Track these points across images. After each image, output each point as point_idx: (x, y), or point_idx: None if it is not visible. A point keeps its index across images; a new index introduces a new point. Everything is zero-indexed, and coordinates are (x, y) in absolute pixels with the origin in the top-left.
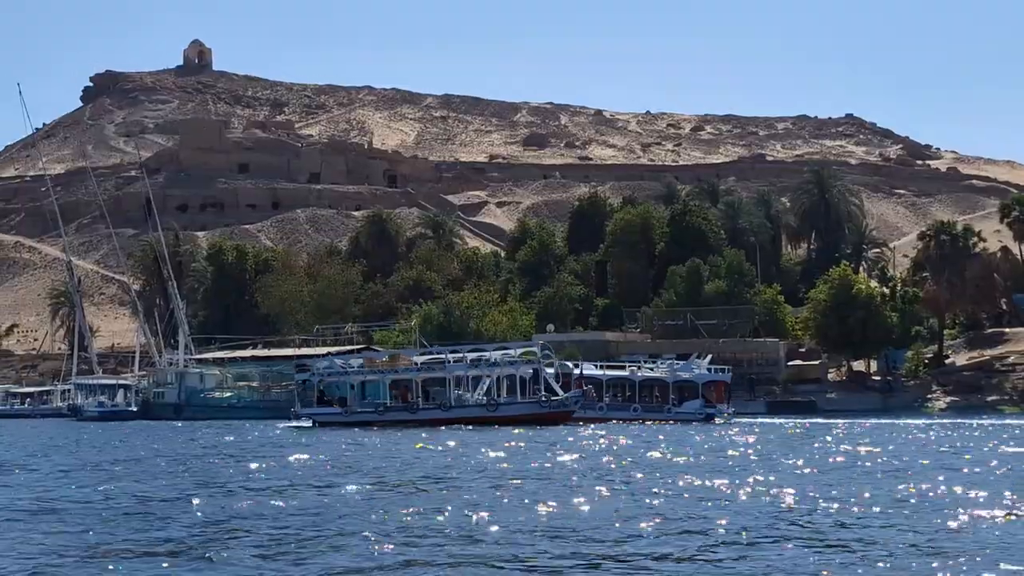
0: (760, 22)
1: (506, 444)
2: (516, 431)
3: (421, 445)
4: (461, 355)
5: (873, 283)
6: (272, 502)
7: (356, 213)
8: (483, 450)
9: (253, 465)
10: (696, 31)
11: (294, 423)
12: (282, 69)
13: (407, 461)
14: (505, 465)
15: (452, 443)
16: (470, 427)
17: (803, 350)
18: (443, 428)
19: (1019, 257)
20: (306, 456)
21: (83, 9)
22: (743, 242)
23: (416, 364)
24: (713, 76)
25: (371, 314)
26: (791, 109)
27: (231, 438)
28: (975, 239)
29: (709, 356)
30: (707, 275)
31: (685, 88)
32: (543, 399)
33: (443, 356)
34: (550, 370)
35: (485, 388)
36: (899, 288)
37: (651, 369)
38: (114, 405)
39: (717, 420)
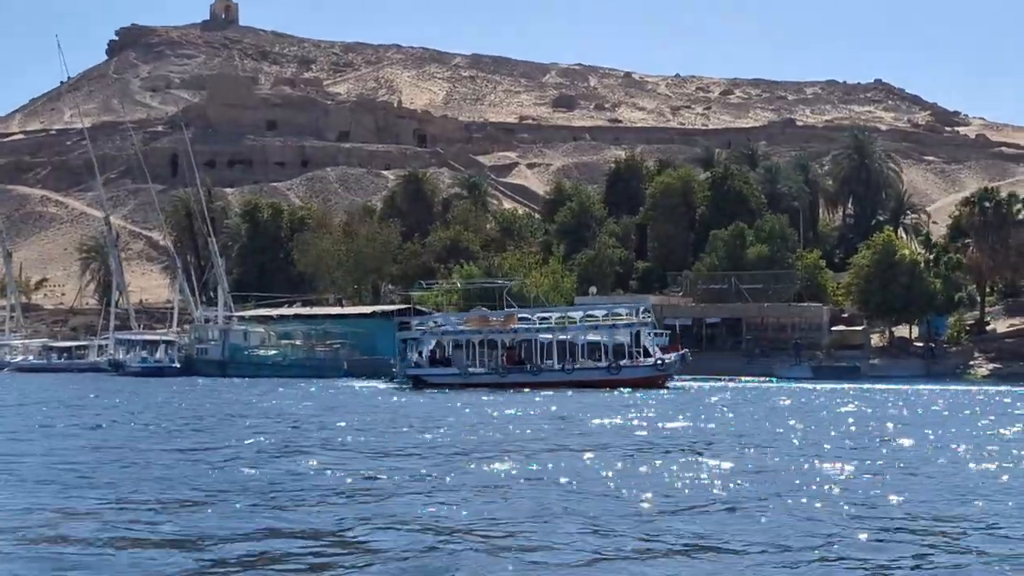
0: None
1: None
2: (637, 393)
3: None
4: (561, 316)
5: (916, 249)
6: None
7: (386, 172)
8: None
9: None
10: None
11: (393, 383)
12: (309, 26)
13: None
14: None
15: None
16: (591, 390)
17: (845, 315)
18: (569, 392)
19: None
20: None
21: None
22: (782, 207)
23: (535, 323)
24: (742, 39)
25: (409, 274)
26: (820, 74)
27: (313, 402)
28: (1020, 206)
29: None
30: (750, 240)
31: (714, 51)
32: (658, 362)
33: (546, 317)
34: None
35: (569, 352)
36: (942, 254)
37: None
38: (156, 361)
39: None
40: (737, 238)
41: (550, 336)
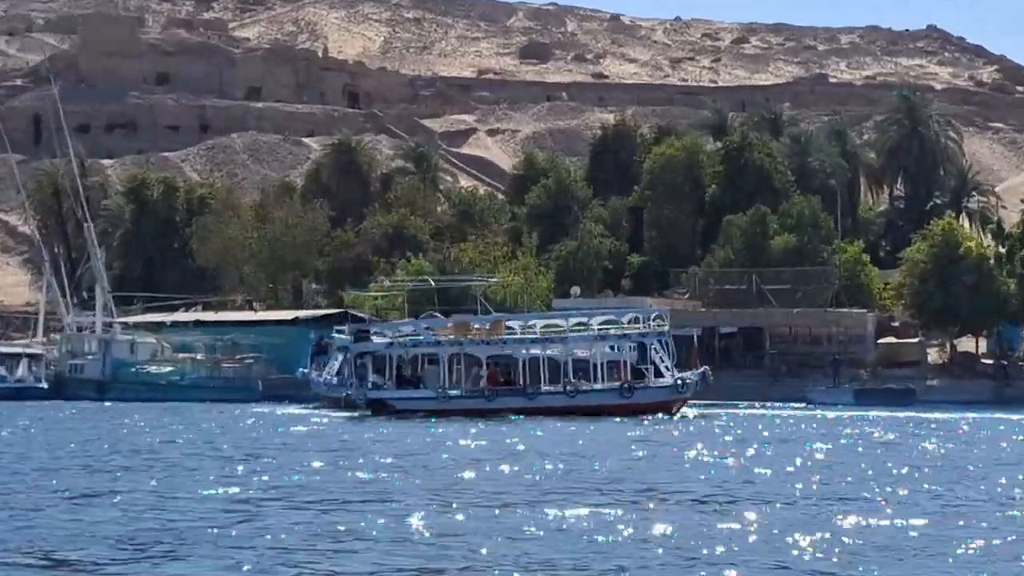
0: None
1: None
2: (648, 422)
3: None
4: (547, 325)
5: (983, 240)
6: None
7: (308, 140)
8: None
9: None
10: None
11: (342, 412)
12: None
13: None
14: None
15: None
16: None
17: (895, 324)
18: (568, 420)
19: None
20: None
21: None
22: (814, 186)
23: (521, 334)
24: None
25: (339, 270)
26: (858, 18)
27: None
28: None
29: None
30: (773, 227)
31: None
32: (679, 382)
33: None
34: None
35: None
36: (1017, 248)
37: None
38: (17, 380)
39: None
40: (757, 225)
41: (545, 350)
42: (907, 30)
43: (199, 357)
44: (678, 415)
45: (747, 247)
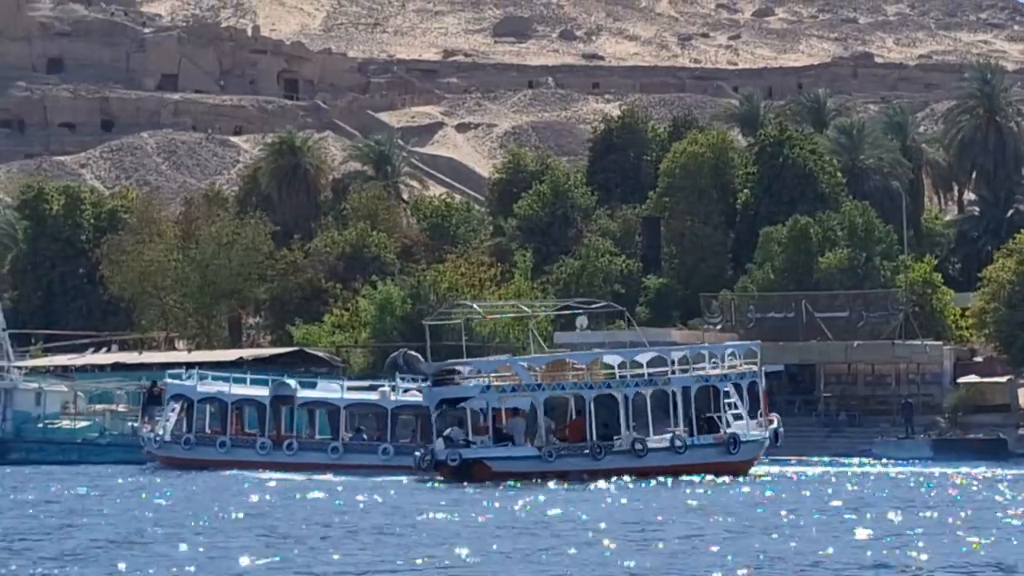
0: None
1: None
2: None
3: None
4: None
5: None
6: None
7: (237, 139)
8: None
9: None
10: None
11: (414, 476)
12: None
13: None
14: None
15: None
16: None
17: (978, 360)
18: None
19: None
20: None
21: None
22: (867, 188)
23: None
24: None
25: (286, 299)
26: None
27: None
28: None
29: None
30: (817, 240)
31: None
32: (766, 435)
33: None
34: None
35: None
36: None
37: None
38: None
39: None
40: (802, 239)
41: (637, 390)
42: None
43: (120, 409)
44: (748, 475)
45: (789, 266)
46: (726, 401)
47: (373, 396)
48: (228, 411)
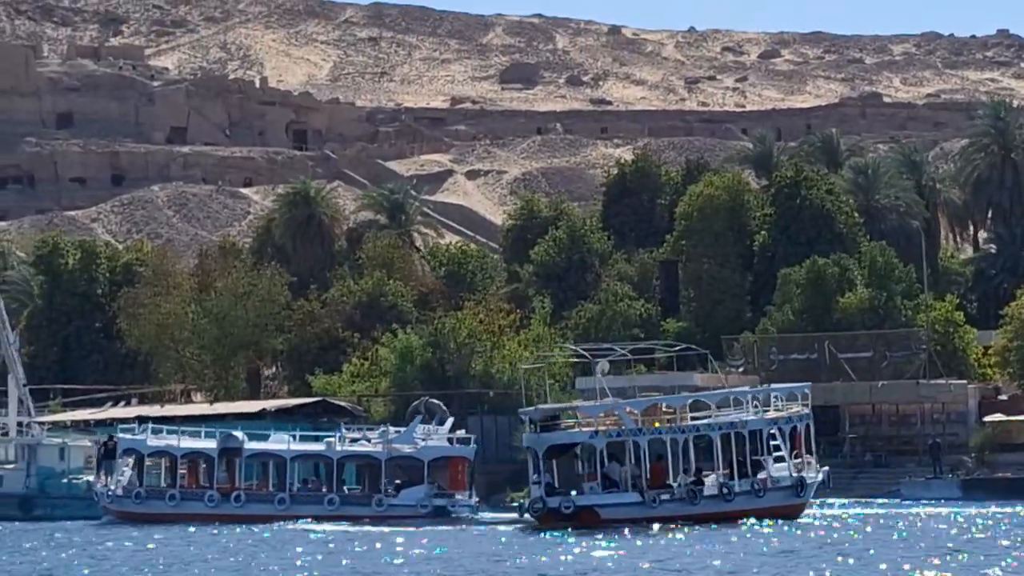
0: None
1: None
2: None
3: None
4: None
5: None
6: None
7: (247, 191)
8: None
9: None
10: None
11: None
12: None
13: None
14: None
15: None
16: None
17: (1003, 398)
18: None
19: None
20: None
21: None
22: (884, 228)
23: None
24: None
25: (304, 349)
26: (912, 24)
27: None
28: None
29: (451, 419)
30: (835, 280)
31: None
32: (820, 477)
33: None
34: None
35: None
36: None
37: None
38: None
39: (454, 515)
40: (821, 280)
41: (722, 432)
42: (973, 36)
43: None
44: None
45: (808, 307)
46: (772, 444)
47: (319, 447)
48: (176, 464)
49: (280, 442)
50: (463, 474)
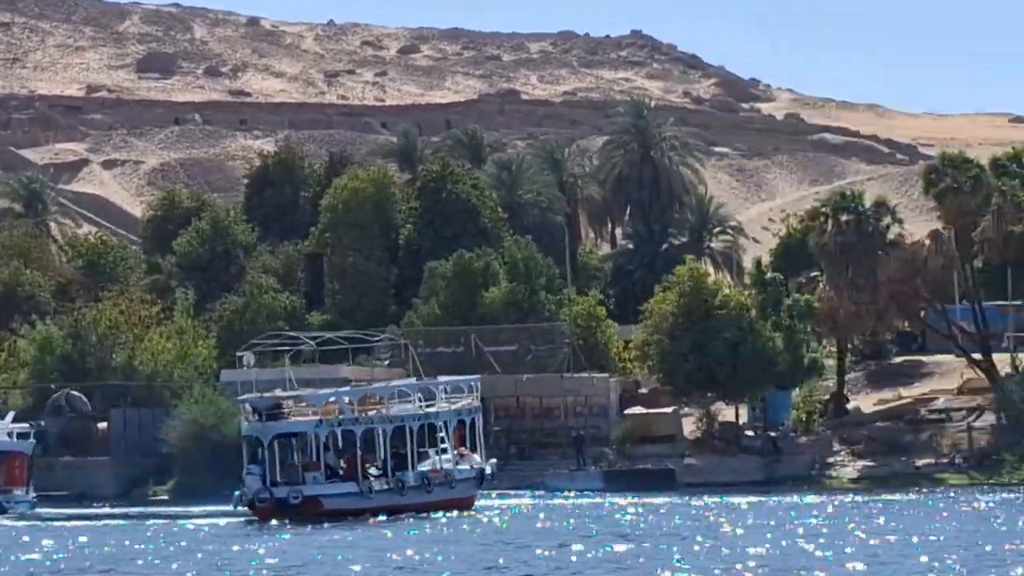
0: None
1: None
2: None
3: None
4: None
5: (734, 287)
6: None
7: None
8: None
9: None
10: None
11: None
12: None
13: None
14: None
15: None
16: None
17: (643, 391)
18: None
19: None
20: None
21: None
22: (527, 223)
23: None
24: None
25: None
26: (549, 23)
27: None
28: (888, 220)
29: (12, 413)
30: (480, 275)
31: None
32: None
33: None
34: None
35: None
36: (779, 295)
37: None
38: None
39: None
40: (467, 274)
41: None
42: (608, 36)
43: None
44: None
45: (455, 301)
46: (440, 435)
47: None
48: None
49: None
50: (21, 469)
